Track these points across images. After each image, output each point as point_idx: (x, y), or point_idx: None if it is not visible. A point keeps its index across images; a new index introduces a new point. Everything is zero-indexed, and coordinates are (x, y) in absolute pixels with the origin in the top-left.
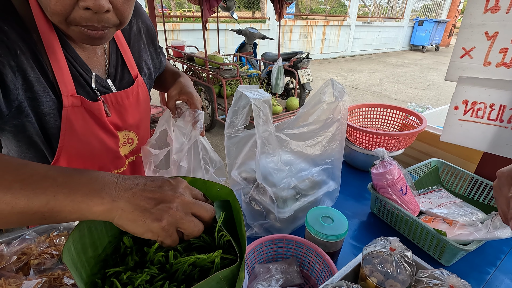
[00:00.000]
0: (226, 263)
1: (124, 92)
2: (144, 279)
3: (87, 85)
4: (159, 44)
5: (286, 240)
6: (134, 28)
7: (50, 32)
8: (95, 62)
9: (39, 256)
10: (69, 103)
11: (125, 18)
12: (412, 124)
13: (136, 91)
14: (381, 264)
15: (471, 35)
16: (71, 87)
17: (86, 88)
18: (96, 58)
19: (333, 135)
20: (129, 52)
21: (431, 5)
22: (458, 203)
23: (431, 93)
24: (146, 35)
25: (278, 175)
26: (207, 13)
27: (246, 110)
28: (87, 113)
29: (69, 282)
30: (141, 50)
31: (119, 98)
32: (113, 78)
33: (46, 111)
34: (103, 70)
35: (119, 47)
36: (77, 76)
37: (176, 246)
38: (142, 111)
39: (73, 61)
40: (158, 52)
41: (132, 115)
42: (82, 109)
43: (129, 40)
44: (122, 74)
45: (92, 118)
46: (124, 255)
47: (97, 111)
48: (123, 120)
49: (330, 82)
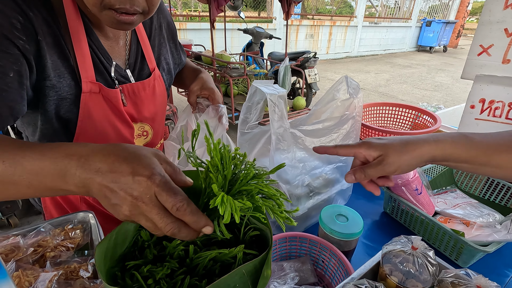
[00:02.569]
0: (248, 258)
1: (141, 84)
2: (165, 272)
3: (106, 73)
4: (179, 41)
5: (299, 238)
6: (155, 23)
7: (77, 19)
8: (116, 51)
9: (55, 248)
10: (88, 89)
11: (153, 6)
12: (425, 124)
13: (152, 84)
14: (402, 264)
15: (489, 32)
16: (91, 73)
17: (105, 75)
18: (118, 48)
19: (347, 132)
20: (148, 46)
21: (439, 6)
22: (474, 204)
23: (439, 94)
24: (167, 30)
25: (292, 172)
26: (215, 12)
27: (260, 106)
28: (104, 100)
29: (85, 275)
30: (161, 45)
31: (136, 89)
32: (132, 68)
33: (64, 96)
34: (123, 61)
35: (139, 39)
36: (98, 63)
37: (195, 240)
38: (158, 105)
39: (96, 49)
40: (178, 48)
41: (148, 108)
42: (100, 96)
43: (149, 34)
44: (141, 66)
45: (109, 106)
46: (142, 249)
47: (114, 99)
48: (138, 112)
49: (344, 79)
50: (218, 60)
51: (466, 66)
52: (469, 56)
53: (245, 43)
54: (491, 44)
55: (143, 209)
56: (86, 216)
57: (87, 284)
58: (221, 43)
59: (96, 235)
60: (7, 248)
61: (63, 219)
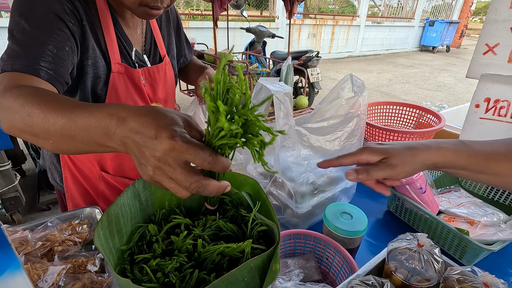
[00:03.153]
0: (256, 253)
1: (155, 67)
2: (174, 266)
3: (128, 57)
4: (186, 37)
5: (304, 235)
6: (164, 16)
7: (105, 10)
8: (135, 39)
9: (62, 243)
10: (116, 69)
11: (173, 1)
12: (429, 123)
13: (164, 68)
14: (408, 261)
15: (495, 31)
16: (118, 56)
17: (128, 59)
18: (136, 36)
19: (352, 130)
20: (159, 34)
21: (442, 6)
22: (478, 203)
23: (442, 94)
24: (174, 23)
25: (297, 170)
26: (218, 10)
27: (265, 104)
28: (128, 80)
29: (93, 269)
30: (170, 36)
31: (152, 71)
32: (148, 54)
33: (98, 75)
34: (140, 47)
35: (152, 29)
36: (122, 48)
37: (203, 235)
38: (169, 88)
39: (120, 36)
40: (182, 42)
41: (161, 89)
42: (125, 76)
43: (160, 25)
44: (154, 52)
45: (132, 85)
46: (150, 243)
47: (137, 79)
48: (154, 92)
49: (349, 77)
50: None
51: (471, 65)
52: (474, 55)
53: (247, 42)
54: (497, 43)
55: (166, 170)
56: (93, 212)
57: (95, 278)
58: (224, 41)
59: None
60: (16, 242)
61: (70, 214)
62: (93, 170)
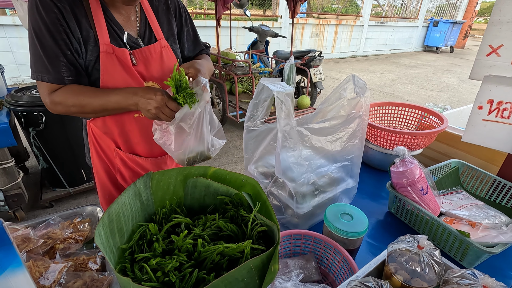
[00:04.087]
0: (255, 253)
1: (147, 48)
2: (174, 265)
3: (119, 40)
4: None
5: (304, 235)
6: (163, 5)
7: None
8: (129, 24)
9: (64, 241)
10: (104, 49)
11: None
12: (431, 124)
13: (159, 49)
14: (408, 262)
15: (499, 32)
16: (107, 38)
17: (119, 41)
18: (130, 22)
19: (354, 131)
20: (155, 21)
21: (446, 6)
22: (479, 205)
23: (445, 95)
24: (176, 13)
25: (298, 170)
26: (221, 9)
27: (267, 104)
28: (117, 59)
29: (94, 267)
30: (170, 22)
31: (144, 51)
32: (142, 37)
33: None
34: (135, 31)
35: (147, 16)
36: (113, 32)
37: (203, 235)
38: (166, 69)
39: (110, 22)
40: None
41: (156, 69)
42: (114, 56)
43: (157, 13)
44: (149, 36)
45: (120, 64)
46: (150, 242)
47: (123, 57)
48: (148, 71)
49: (351, 78)
50: (223, 58)
51: (475, 67)
52: (478, 56)
53: (250, 41)
54: (500, 45)
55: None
56: (94, 210)
57: (96, 276)
58: (227, 41)
59: None
60: (18, 240)
61: (72, 212)
62: (110, 146)
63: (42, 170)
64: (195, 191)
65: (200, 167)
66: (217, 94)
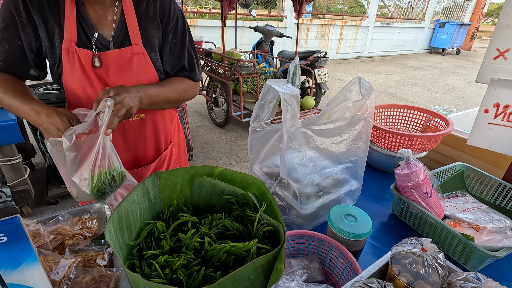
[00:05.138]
0: (261, 253)
1: (116, 52)
2: (182, 263)
3: (87, 40)
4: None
5: (308, 236)
6: (151, 10)
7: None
8: (104, 25)
9: (73, 237)
10: (66, 46)
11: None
12: (436, 127)
13: (129, 55)
14: (412, 265)
15: (507, 35)
16: (73, 36)
17: (86, 41)
18: (106, 22)
19: (359, 133)
20: (135, 25)
21: (453, 7)
22: (484, 209)
23: (450, 97)
24: (164, 18)
25: (303, 171)
26: (227, 9)
27: (273, 105)
28: (78, 59)
29: (102, 263)
30: (155, 30)
31: (110, 55)
32: (115, 40)
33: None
34: (110, 33)
35: (126, 19)
36: (81, 31)
37: (209, 233)
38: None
39: (82, 20)
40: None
41: (122, 75)
42: (76, 56)
43: (140, 16)
44: (123, 39)
45: (80, 65)
46: (158, 240)
47: (84, 58)
48: (111, 76)
49: (356, 80)
50: (228, 57)
51: (482, 70)
52: (484, 59)
53: (255, 41)
54: (508, 48)
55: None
56: (102, 207)
57: (104, 272)
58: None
59: None
60: (29, 235)
61: (80, 209)
62: None
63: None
64: (201, 191)
65: (207, 167)
66: (221, 94)
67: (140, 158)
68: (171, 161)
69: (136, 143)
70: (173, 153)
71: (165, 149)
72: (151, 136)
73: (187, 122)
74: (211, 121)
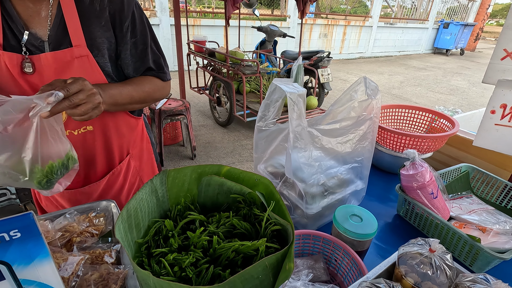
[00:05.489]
0: (270, 251)
1: (52, 55)
2: (191, 261)
3: (16, 40)
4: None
5: (313, 236)
6: (97, 5)
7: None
8: (37, 22)
9: (80, 234)
10: None
11: None
12: (442, 128)
13: (69, 58)
14: (419, 265)
15: None
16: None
17: (14, 41)
18: (39, 19)
19: (364, 133)
20: (76, 22)
21: (457, 8)
22: (490, 211)
23: (454, 98)
24: (115, 16)
25: (308, 171)
26: (231, 9)
27: (279, 104)
28: (3, 65)
29: (109, 261)
30: (102, 28)
31: (44, 58)
32: (51, 40)
33: None
34: (44, 32)
35: (64, 15)
36: (7, 30)
37: (217, 232)
38: None
39: (8, 16)
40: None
41: None
42: (1, 60)
43: (83, 12)
44: (62, 40)
45: (7, 70)
46: (166, 238)
47: (11, 63)
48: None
49: (362, 80)
50: (232, 57)
51: (488, 70)
52: (491, 60)
53: (257, 41)
54: None
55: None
56: (109, 205)
57: (112, 269)
58: (235, 40)
59: None
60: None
61: (87, 207)
62: None
63: None
64: (208, 189)
65: (214, 165)
66: (224, 93)
67: (89, 174)
68: (128, 174)
69: (83, 159)
70: (131, 165)
71: (119, 162)
72: (101, 150)
73: (190, 121)
74: (213, 120)
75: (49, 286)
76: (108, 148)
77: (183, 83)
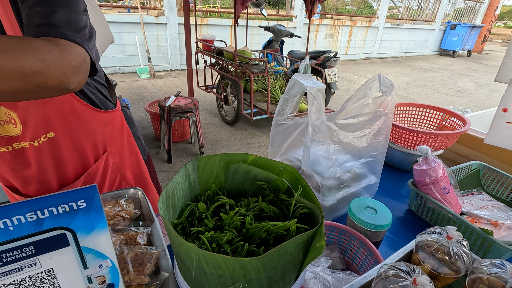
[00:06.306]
0: (300, 231)
1: None
2: (228, 238)
3: None
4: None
5: (329, 226)
6: None
7: None
8: None
9: (113, 217)
10: None
11: None
12: (453, 126)
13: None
14: (437, 252)
15: None
16: None
17: None
18: None
19: (379, 128)
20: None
21: (465, 9)
22: (501, 207)
23: (461, 100)
24: None
25: (326, 164)
26: (240, 8)
27: (297, 99)
28: None
29: (142, 242)
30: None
31: None
32: None
33: None
34: None
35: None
36: None
37: (249, 214)
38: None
39: None
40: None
41: None
42: None
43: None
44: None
45: None
46: (199, 219)
47: None
48: None
49: (377, 77)
50: (240, 56)
51: (501, 69)
52: (505, 59)
53: (264, 40)
54: None
55: None
56: (136, 193)
57: (145, 250)
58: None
59: (146, 209)
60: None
61: (116, 194)
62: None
63: None
64: (235, 177)
65: (241, 154)
66: (232, 92)
67: (62, 179)
68: (107, 172)
69: (53, 166)
70: (109, 162)
71: (95, 161)
72: (71, 154)
73: (198, 119)
74: (221, 118)
75: (104, 255)
76: (79, 150)
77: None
